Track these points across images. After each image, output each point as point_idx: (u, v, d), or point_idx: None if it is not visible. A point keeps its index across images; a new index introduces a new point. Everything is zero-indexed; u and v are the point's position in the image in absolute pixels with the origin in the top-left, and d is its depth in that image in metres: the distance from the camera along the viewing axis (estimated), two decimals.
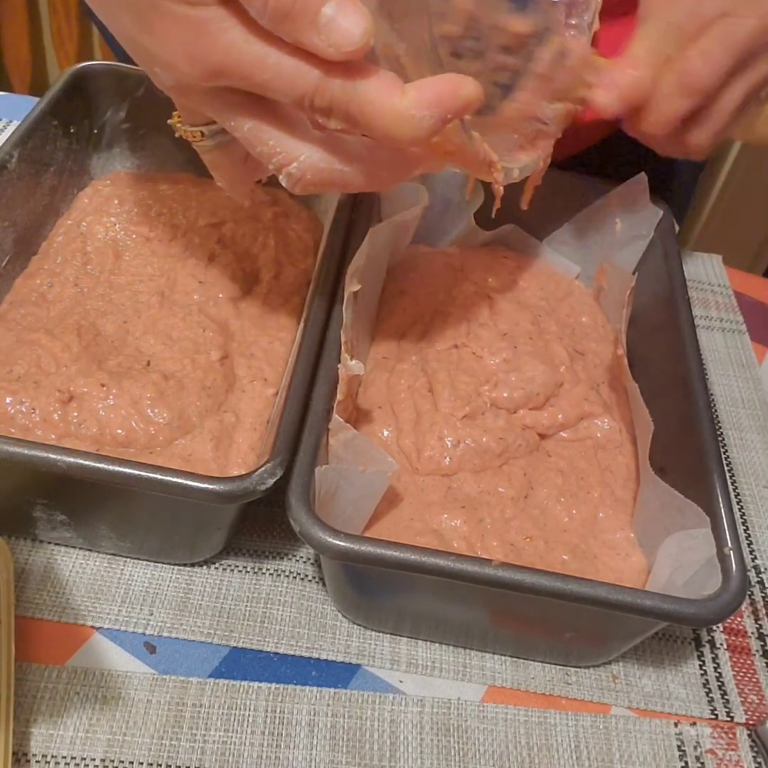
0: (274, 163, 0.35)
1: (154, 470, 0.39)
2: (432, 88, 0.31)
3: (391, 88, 0.31)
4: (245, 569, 0.48)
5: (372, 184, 0.36)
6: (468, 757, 0.42)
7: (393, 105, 0.31)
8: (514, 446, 0.49)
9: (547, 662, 0.46)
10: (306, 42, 0.31)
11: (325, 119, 0.33)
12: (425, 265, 0.59)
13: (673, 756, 0.44)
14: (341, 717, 0.43)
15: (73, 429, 0.45)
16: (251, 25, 0.31)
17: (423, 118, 0.31)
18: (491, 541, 0.44)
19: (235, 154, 0.41)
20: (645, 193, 0.57)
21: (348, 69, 0.31)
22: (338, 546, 0.38)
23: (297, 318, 0.53)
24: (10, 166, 0.52)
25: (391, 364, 0.53)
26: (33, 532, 0.46)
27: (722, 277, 0.71)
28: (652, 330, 0.54)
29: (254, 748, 0.42)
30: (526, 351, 0.53)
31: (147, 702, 0.42)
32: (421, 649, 0.46)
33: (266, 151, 0.35)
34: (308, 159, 0.35)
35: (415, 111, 0.31)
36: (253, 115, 0.35)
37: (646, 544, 0.46)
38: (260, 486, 0.40)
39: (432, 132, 0.32)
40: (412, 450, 0.48)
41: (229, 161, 0.41)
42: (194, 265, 0.55)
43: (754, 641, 0.49)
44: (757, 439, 0.59)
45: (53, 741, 0.41)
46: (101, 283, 0.54)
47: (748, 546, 0.53)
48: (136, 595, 0.46)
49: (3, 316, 0.51)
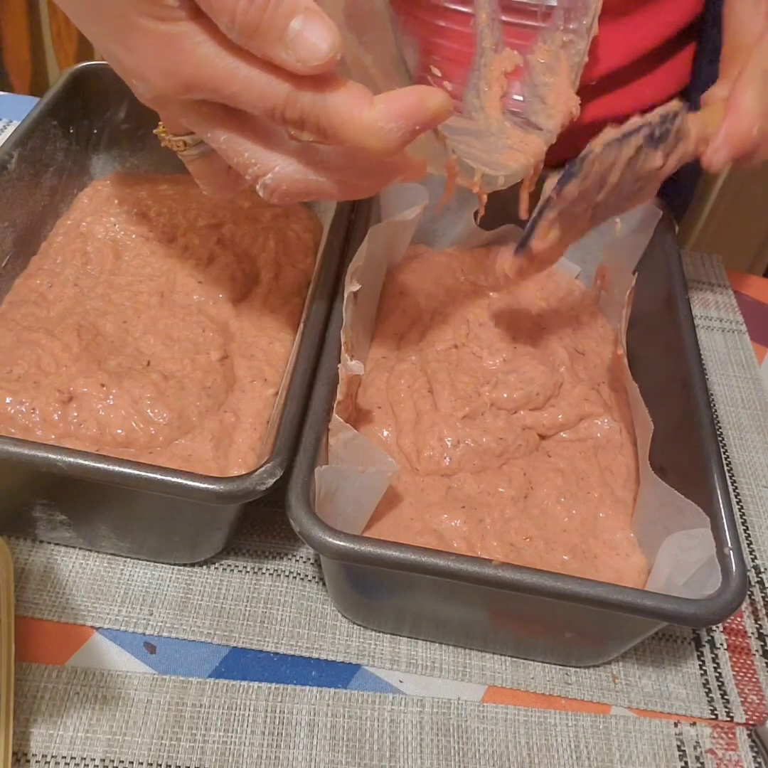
0: (250, 173, 0.36)
1: (154, 470, 0.39)
2: (400, 100, 0.31)
3: (359, 100, 0.31)
4: (245, 569, 0.48)
5: (349, 193, 0.37)
6: (468, 757, 0.42)
7: (361, 117, 0.31)
8: (514, 446, 0.49)
9: (547, 662, 0.46)
10: (274, 57, 0.31)
11: (297, 131, 0.33)
12: (425, 265, 0.59)
13: (673, 756, 0.44)
14: (341, 717, 0.43)
15: (73, 429, 0.45)
16: (222, 40, 0.32)
17: (391, 130, 0.31)
18: (491, 541, 0.44)
19: (218, 164, 0.41)
20: None
21: (317, 82, 0.31)
22: (338, 546, 0.38)
23: (297, 318, 0.53)
24: (10, 166, 0.52)
25: (391, 364, 0.53)
26: (33, 532, 0.46)
27: (722, 277, 0.71)
28: (652, 330, 0.54)
29: (254, 748, 0.42)
30: (525, 351, 0.53)
31: (147, 702, 0.42)
32: (421, 649, 0.46)
33: (242, 162, 0.36)
34: (283, 170, 0.35)
35: (383, 123, 0.31)
36: (228, 128, 0.35)
37: (646, 544, 0.46)
38: (260, 486, 0.40)
39: (401, 143, 0.32)
40: (411, 450, 0.48)
41: (212, 171, 0.41)
42: (194, 266, 0.55)
43: (754, 641, 0.49)
44: (757, 439, 0.59)
45: (53, 741, 0.41)
46: (101, 283, 0.54)
47: (748, 546, 0.53)
48: (136, 595, 0.46)
49: (3, 316, 0.51)
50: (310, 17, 0.30)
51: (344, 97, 0.31)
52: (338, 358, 0.45)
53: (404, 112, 0.31)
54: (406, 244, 0.59)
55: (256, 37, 0.30)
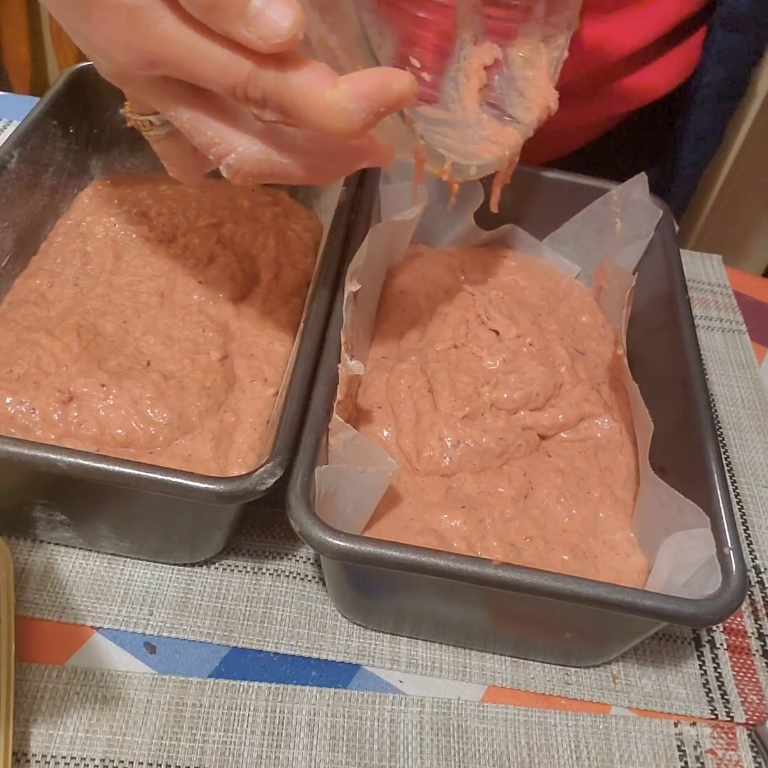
0: (213, 153, 0.35)
1: (154, 470, 0.39)
2: (364, 80, 0.31)
3: (323, 79, 0.31)
4: (245, 569, 0.48)
5: (314, 176, 0.36)
6: (468, 757, 0.42)
7: (324, 97, 0.31)
8: (514, 446, 0.49)
9: (547, 662, 0.46)
10: (235, 33, 0.30)
11: (260, 110, 0.32)
12: (425, 265, 0.59)
13: (673, 756, 0.44)
14: (341, 717, 0.43)
15: (73, 429, 0.45)
16: (184, 15, 0.31)
17: (354, 111, 0.31)
18: (491, 541, 0.44)
19: (184, 145, 0.41)
20: (645, 193, 0.57)
21: (280, 60, 0.31)
22: (338, 546, 0.38)
23: (297, 318, 0.53)
24: (10, 166, 0.52)
25: (391, 364, 0.53)
26: (33, 532, 0.46)
27: (722, 277, 0.71)
28: (652, 330, 0.54)
29: (254, 748, 0.42)
30: (525, 352, 0.53)
31: (147, 702, 0.42)
32: (421, 649, 0.46)
33: (205, 142, 0.35)
34: (246, 150, 0.35)
35: (346, 104, 0.30)
36: (192, 106, 0.35)
37: (646, 544, 0.46)
38: (260, 486, 0.40)
39: (365, 125, 0.31)
40: (411, 450, 0.48)
41: (177, 151, 0.41)
42: (194, 266, 0.55)
43: (754, 641, 0.49)
44: (757, 439, 0.59)
45: (53, 741, 0.41)
46: (101, 283, 0.54)
47: (748, 546, 0.53)
48: (136, 595, 0.46)
49: (3, 316, 0.51)
50: None
51: (307, 77, 0.31)
52: (338, 358, 0.45)
53: (368, 93, 0.30)
54: (406, 244, 0.59)
55: (216, 13, 0.30)
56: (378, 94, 0.31)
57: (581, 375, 0.53)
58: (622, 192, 0.58)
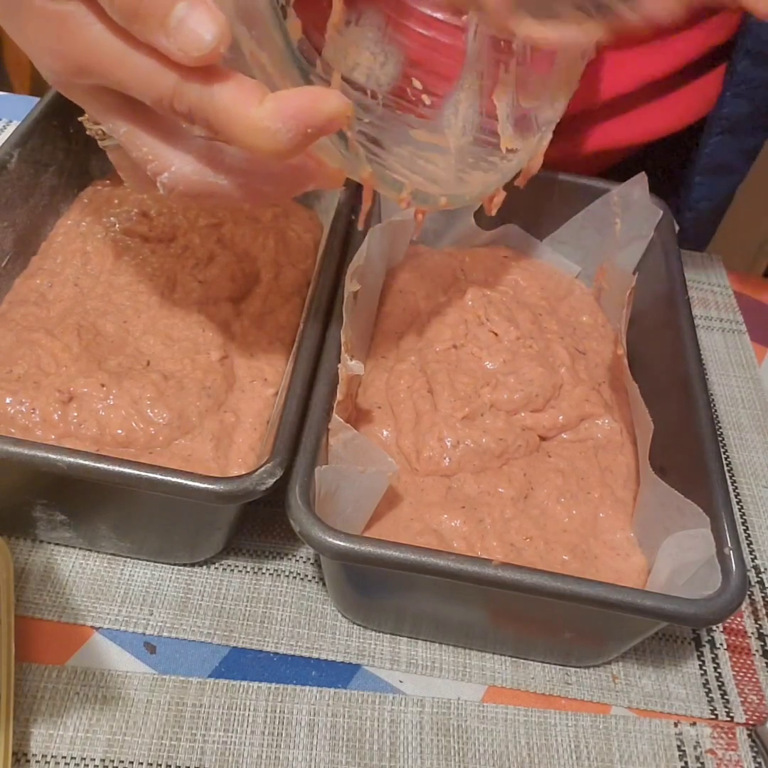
0: (149, 170, 0.34)
1: (154, 470, 0.39)
2: (291, 99, 0.29)
3: (248, 96, 0.29)
4: (245, 569, 0.48)
5: (253, 198, 0.35)
6: (468, 757, 0.42)
7: (248, 115, 0.29)
8: (514, 447, 0.49)
9: (547, 662, 0.46)
10: (156, 44, 0.29)
11: (188, 125, 0.31)
12: (425, 265, 0.59)
13: (673, 756, 0.44)
14: (341, 717, 0.43)
15: (73, 429, 0.45)
16: (111, 23, 0.30)
17: (279, 131, 0.29)
18: (491, 542, 0.44)
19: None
20: (645, 193, 0.57)
21: (205, 74, 0.30)
22: (338, 546, 0.38)
23: (297, 318, 0.53)
24: (10, 166, 0.52)
25: (391, 365, 0.53)
26: (33, 532, 0.46)
27: (722, 277, 0.71)
28: (652, 330, 0.54)
29: (254, 748, 0.42)
30: (525, 352, 0.53)
31: (147, 702, 0.42)
32: (421, 649, 0.46)
33: (140, 158, 0.34)
34: (179, 170, 0.33)
35: (270, 123, 0.29)
36: (127, 119, 0.33)
37: (646, 544, 0.46)
38: (260, 486, 0.40)
39: (294, 146, 0.30)
40: (411, 450, 0.48)
41: (130, 163, 0.39)
42: (194, 265, 0.55)
43: (754, 641, 0.49)
44: (757, 439, 0.59)
45: (53, 741, 0.41)
46: (101, 283, 0.54)
47: (748, 546, 0.53)
48: (136, 595, 0.46)
49: (3, 316, 0.51)
50: (194, 4, 0.28)
51: (232, 92, 0.29)
52: (338, 358, 0.45)
53: (293, 113, 0.29)
54: (406, 244, 0.59)
55: (138, 22, 0.29)
56: (304, 115, 0.29)
57: (582, 375, 0.53)
58: (622, 192, 0.58)
